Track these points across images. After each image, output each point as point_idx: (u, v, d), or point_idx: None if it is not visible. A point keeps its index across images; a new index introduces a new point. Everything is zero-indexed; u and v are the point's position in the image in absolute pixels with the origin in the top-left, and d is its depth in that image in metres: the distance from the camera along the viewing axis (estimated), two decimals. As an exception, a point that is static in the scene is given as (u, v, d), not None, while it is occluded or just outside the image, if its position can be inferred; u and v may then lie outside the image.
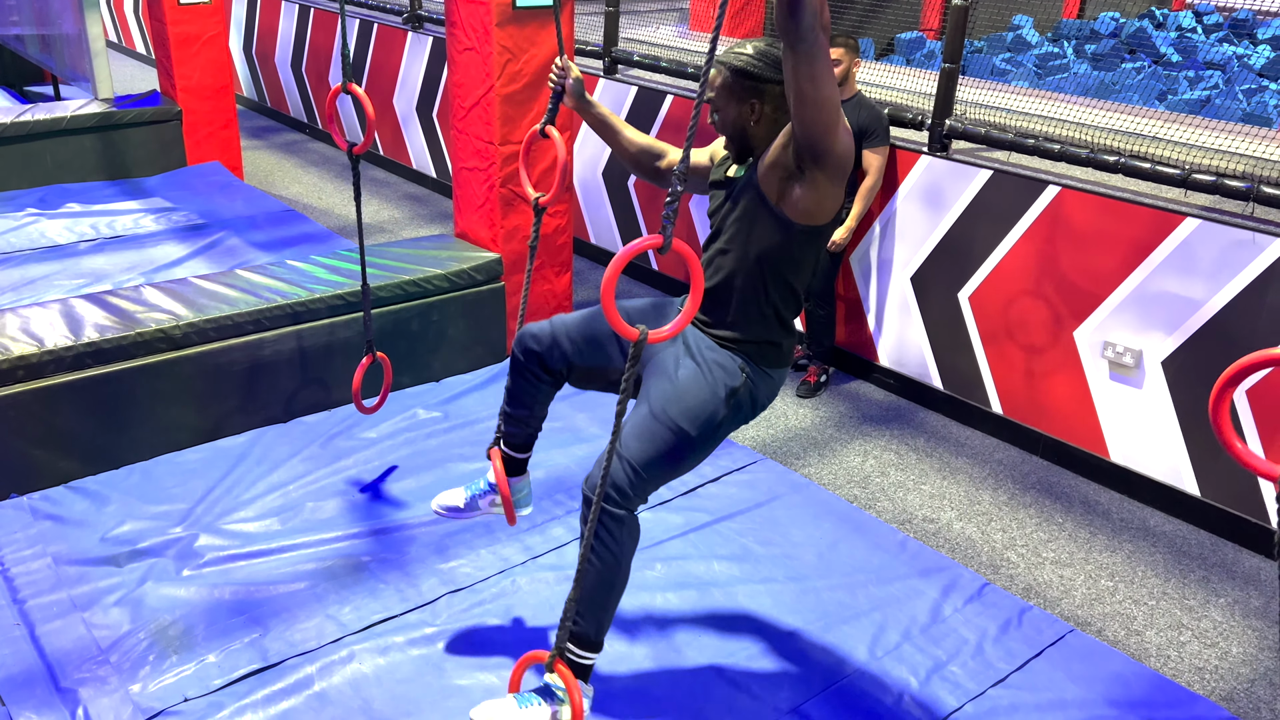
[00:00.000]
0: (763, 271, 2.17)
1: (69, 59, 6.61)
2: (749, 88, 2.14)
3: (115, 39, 12.24)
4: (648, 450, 2.11)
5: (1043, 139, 3.91)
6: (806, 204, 2.09)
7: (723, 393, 2.16)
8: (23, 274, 4.71)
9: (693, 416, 2.13)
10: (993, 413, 4.19)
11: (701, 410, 2.14)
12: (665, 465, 2.15)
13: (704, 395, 2.15)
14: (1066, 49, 7.93)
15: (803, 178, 2.05)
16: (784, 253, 2.15)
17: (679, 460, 2.17)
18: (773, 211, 2.11)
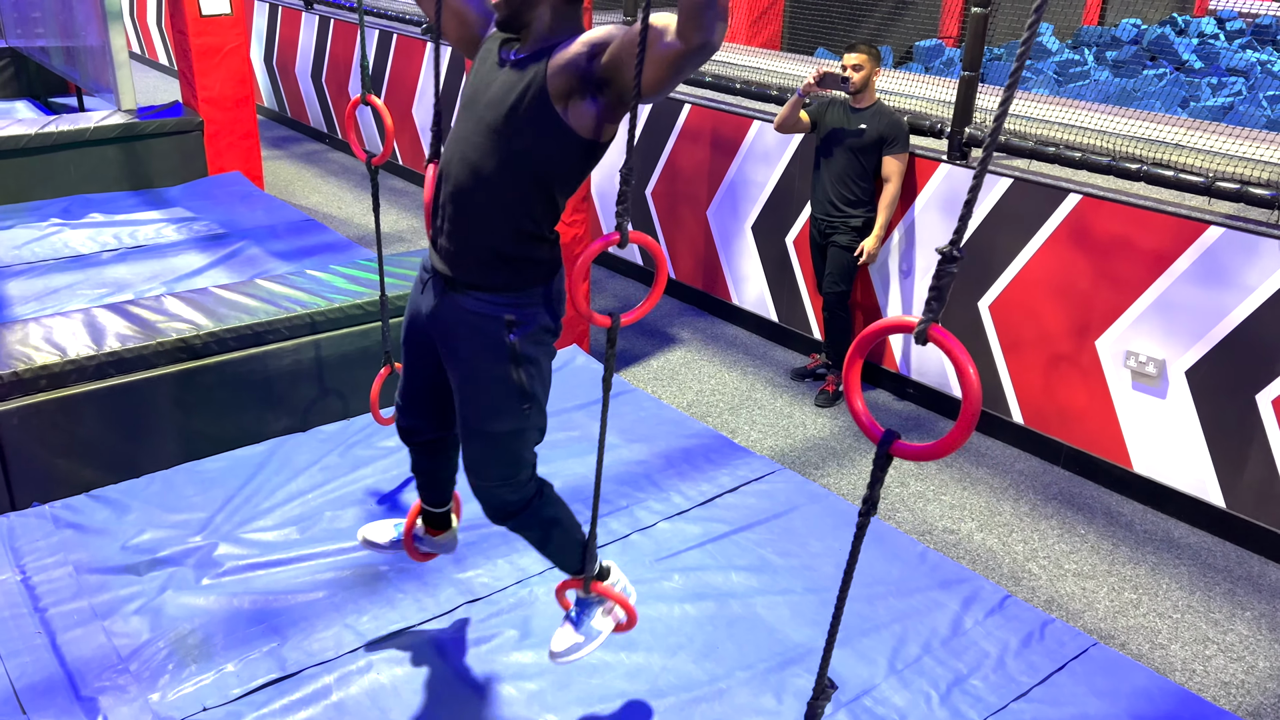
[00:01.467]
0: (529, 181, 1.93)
1: (92, 71, 6.68)
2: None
3: (138, 50, 12.38)
4: (499, 467, 2.10)
5: (1063, 147, 3.88)
6: (592, 121, 1.88)
7: (508, 368, 2.00)
8: (46, 283, 4.75)
9: (500, 412, 2.04)
10: (1013, 423, 4.15)
11: (500, 402, 2.03)
12: (523, 455, 2.12)
13: (492, 387, 2.02)
14: (1087, 56, 7.90)
15: (599, 98, 1.85)
16: (562, 167, 1.93)
17: (527, 444, 2.13)
18: (555, 117, 1.87)
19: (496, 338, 1.99)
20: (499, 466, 2.11)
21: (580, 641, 2.28)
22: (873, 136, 4.14)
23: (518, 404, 2.04)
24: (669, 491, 3.40)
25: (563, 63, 1.85)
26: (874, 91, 4.19)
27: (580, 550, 2.27)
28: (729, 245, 5.24)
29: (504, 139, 1.91)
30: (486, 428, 2.06)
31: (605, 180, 5.87)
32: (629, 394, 4.09)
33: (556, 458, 3.58)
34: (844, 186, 4.22)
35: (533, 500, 2.18)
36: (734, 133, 5.05)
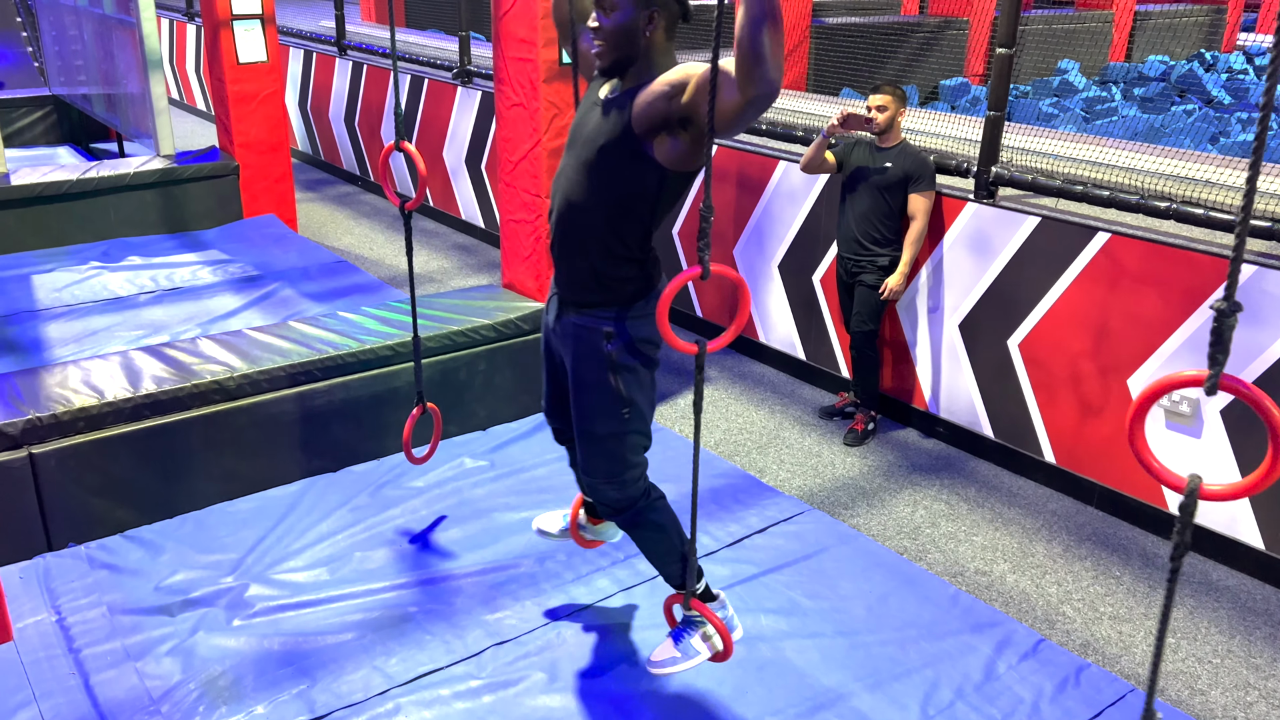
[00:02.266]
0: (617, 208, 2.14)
1: (133, 117, 6.86)
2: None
3: (177, 96, 12.68)
4: (604, 464, 2.32)
5: (1091, 185, 3.87)
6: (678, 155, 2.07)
7: (606, 375, 2.23)
8: (85, 325, 4.85)
9: (600, 415, 2.27)
10: (1045, 462, 4.11)
11: (601, 406, 2.26)
12: (627, 457, 2.32)
13: (593, 392, 2.26)
14: (1114, 92, 7.89)
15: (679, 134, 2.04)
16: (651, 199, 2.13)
17: (630, 447, 2.32)
18: (643, 151, 2.07)
19: (596, 347, 2.24)
20: (604, 464, 2.33)
21: (676, 657, 2.39)
22: (898, 175, 4.15)
23: (617, 408, 2.26)
24: (698, 533, 3.39)
25: (646, 102, 2.05)
26: (899, 131, 4.21)
27: (674, 567, 2.44)
28: (756, 284, 5.26)
29: (596, 173, 2.14)
30: (590, 428, 2.31)
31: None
32: (656, 432, 4.08)
33: (584, 498, 3.59)
34: (870, 225, 4.24)
35: (638, 501, 2.38)
36: (760, 173, 5.08)
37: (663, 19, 2.09)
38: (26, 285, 5.34)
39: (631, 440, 2.32)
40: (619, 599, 3.03)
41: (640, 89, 2.08)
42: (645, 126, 2.05)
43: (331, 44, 8.94)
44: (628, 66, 2.12)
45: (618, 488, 2.35)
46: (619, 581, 3.11)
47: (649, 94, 2.05)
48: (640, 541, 2.46)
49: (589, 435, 2.32)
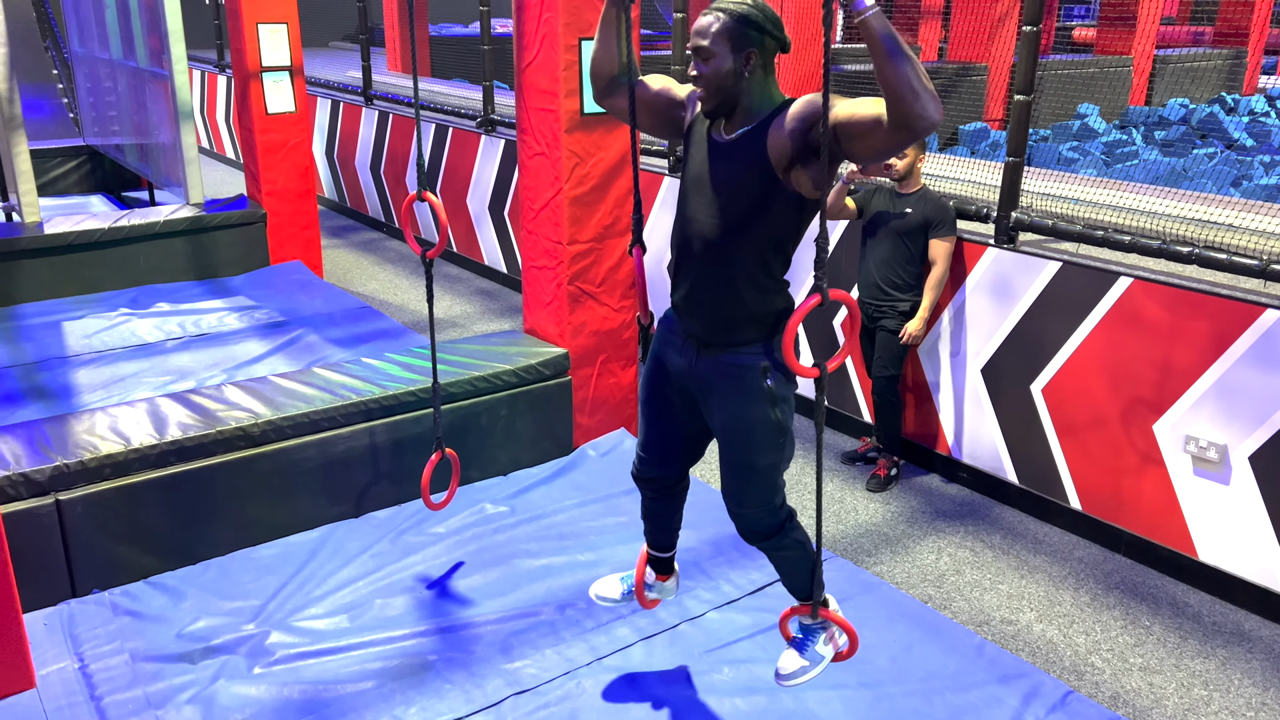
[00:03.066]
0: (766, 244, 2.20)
1: (164, 167, 7.00)
2: (749, 37, 2.12)
3: (207, 145, 12.94)
4: (762, 494, 2.37)
5: (1112, 230, 3.86)
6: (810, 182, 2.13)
7: (768, 409, 2.27)
8: (113, 371, 4.92)
9: (763, 448, 2.30)
10: (1071, 508, 4.06)
11: (763, 440, 2.29)
12: (774, 485, 2.38)
13: (755, 428, 2.28)
14: (1135, 136, 7.89)
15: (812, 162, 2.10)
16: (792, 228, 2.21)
17: (779, 474, 2.38)
18: (778, 183, 2.14)
19: (756, 384, 2.27)
20: (759, 494, 2.38)
21: (806, 665, 2.46)
22: (918, 220, 4.17)
23: (776, 439, 2.31)
24: (718, 580, 3.37)
25: (782, 137, 2.11)
26: (920, 177, 4.23)
27: (807, 585, 2.48)
28: (777, 329, 5.26)
29: (736, 214, 2.18)
30: (751, 462, 2.32)
31: (654, 268, 5.96)
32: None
33: (604, 544, 3.58)
34: (890, 271, 4.25)
35: (785, 523, 2.44)
36: (780, 218, 5.11)
37: (760, 58, 2.15)
38: (58, 332, 5.43)
39: (784, 465, 2.38)
40: (640, 648, 3.01)
41: (766, 125, 2.15)
42: (783, 160, 2.11)
43: (358, 94, 9.11)
44: (734, 108, 2.19)
45: (770, 513, 2.40)
46: (639, 630, 3.09)
47: (783, 129, 2.11)
48: (780, 562, 2.51)
49: (748, 469, 2.33)
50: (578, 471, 4.16)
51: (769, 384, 2.26)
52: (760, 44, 2.14)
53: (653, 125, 2.44)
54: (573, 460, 4.24)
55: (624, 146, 4.17)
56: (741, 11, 2.12)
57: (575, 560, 3.48)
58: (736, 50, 2.13)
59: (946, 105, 8.55)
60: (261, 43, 6.40)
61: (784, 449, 2.33)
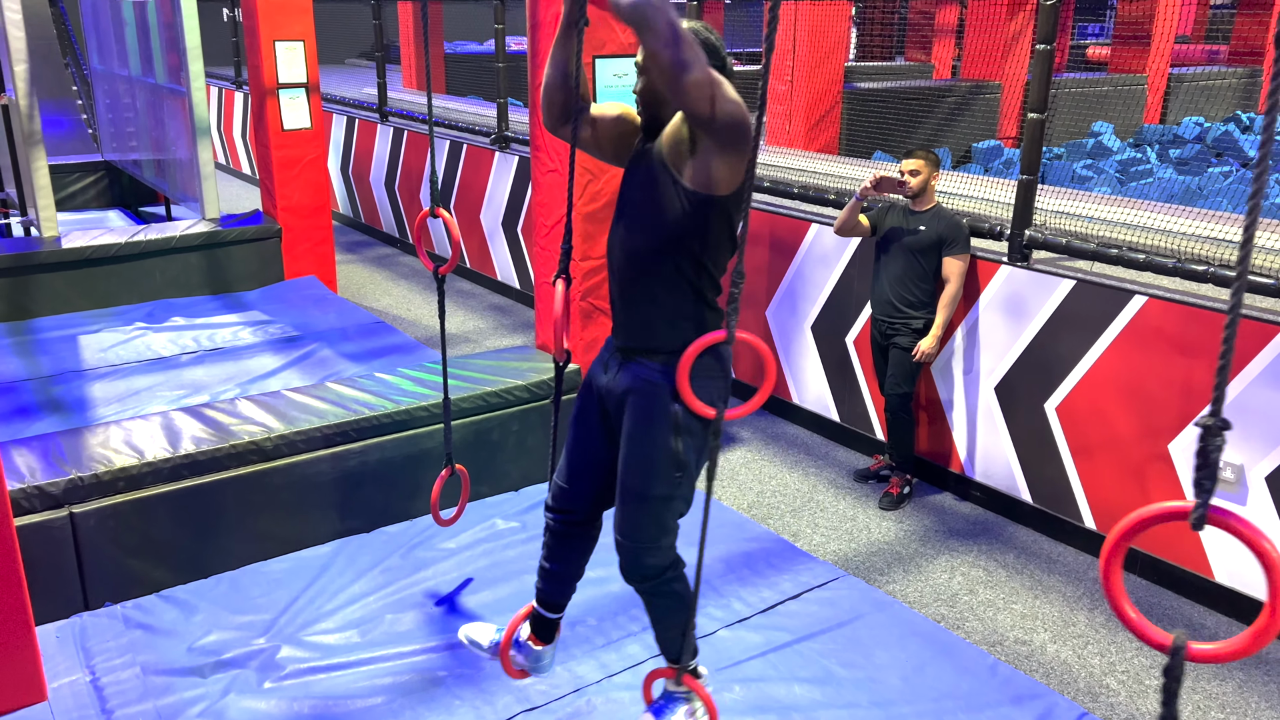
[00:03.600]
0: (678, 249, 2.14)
1: (181, 182, 7.07)
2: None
3: (224, 161, 13.05)
4: (649, 529, 2.25)
5: (1126, 248, 3.85)
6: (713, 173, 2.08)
7: (669, 436, 2.16)
8: (128, 385, 4.95)
9: (657, 477, 2.19)
10: (1085, 528, 4.03)
11: (657, 466, 2.18)
12: (664, 523, 2.27)
13: (653, 451, 2.17)
14: (1149, 154, 7.87)
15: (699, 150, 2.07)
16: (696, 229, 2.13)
17: (671, 514, 2.27)
18: (682, 188, 2.11)
19: (664, 406, 2.16)
20: (647, 529, 2.26)
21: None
22: (931, 238, 4.17)
23: (672, 471, 2.19)
24: (729, 598, 3.35)
25: (668, 137, 2.15)
26: (933, 195, 4.24)
27: (679, 642, 2.34)
28: (789, 345, 5.26)
29: (645, 218, 2.17)
30: (644, 491, 2.22)
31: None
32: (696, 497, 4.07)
33: (612, 560, 3.56)
34: (903, 288, 4.24)
35: (668, 570, 2.31)
36: (792, 235, 5.12)
37: None
38: (74, 345, 5.47)
39: (676, 506, 2.27)
40: (651, 664, 2.99)
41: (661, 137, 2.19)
42: (676, 159, 2.12)
43: (374, 110, 9.18)
44: (661, 120, 2.20)
45: (655, 553, 2.28)
46: (650, 648, 3.07)
47: (669, 130, 2.16)
48: (655, 610, 2.39)
49: (640, 498, 2.23)
50: (589, 487, 4.15)
51: (676, 409, 2.14)
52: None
53: (614, 153, 2.36)
54: (584, 476, 4.23)
55: (637, 163, 4.18)
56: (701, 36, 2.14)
57: (586, 577, 3.46)
58: None
59: (960, 123, 8.55)
60: (278, 60, 6.46)
61: (679, 486, 2.21)
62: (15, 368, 5.16)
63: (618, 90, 4.02)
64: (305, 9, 6.50)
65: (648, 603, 2.38)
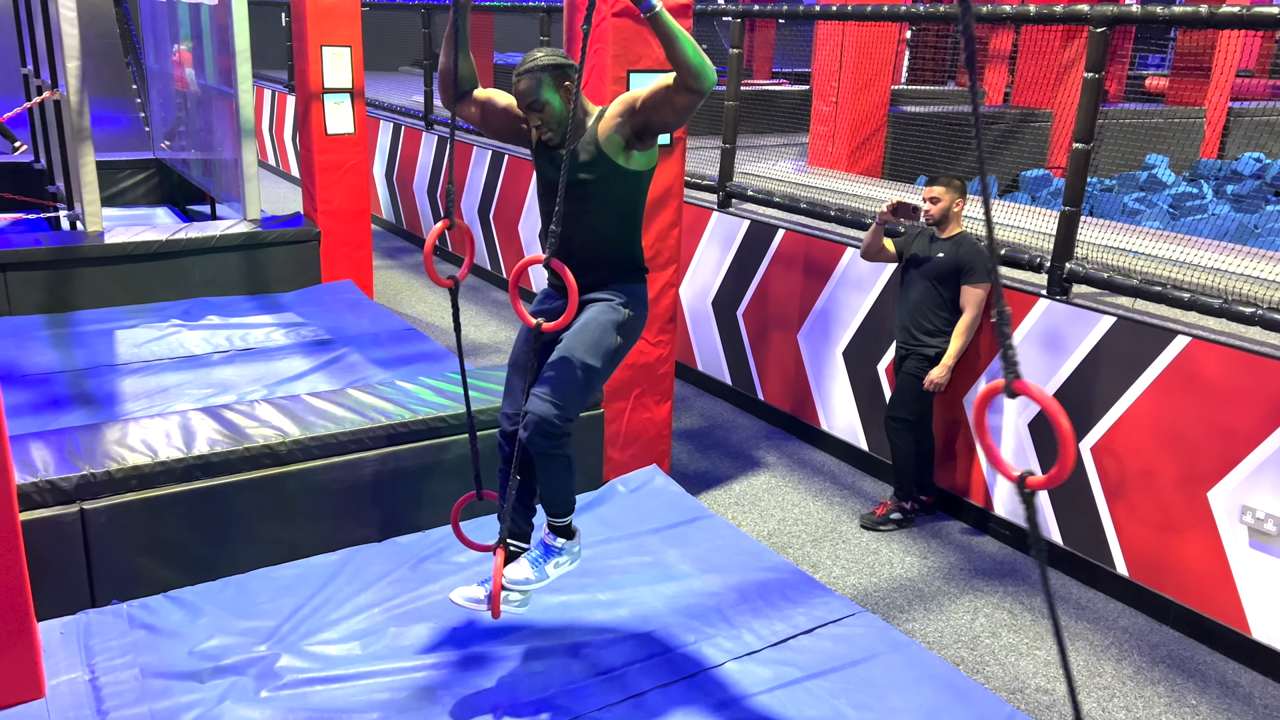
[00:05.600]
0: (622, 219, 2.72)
1: (225, 182, 7.15)
2: (563, 74, 2.62)
3: (275, 164, 13.23)
4: (562, 387, 2.63)
5: (1171, 286, 3.71)
6: (636, 159, 2.64)
7: (613, 318, 2.70)
8: (158, 382, 4.98)
9: (588, 343, 2.66)
10: (1117, 574, 3.88)
11: (594, 336, 2.67)
12: (578, 390, 2.65)
13: (597, 331, 2.67)
14: (1205, 189, 7.66)
15: (640, 143, 2.62)
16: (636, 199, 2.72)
17: (590, 386, 2.68)
18: (615, 165, 2.63)
19: (614, 306, 2.72)
20: (562, 389, 2.63)
21: (531, 578, 2.74)
22: (949, 265, 4.10)
23: (603, 342, 2.67)
24: (740, 629, 3.27)
25: (607, 131, 2.61)
26: (959, 222, 4.16)
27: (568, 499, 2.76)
28: (820, 370, 5.16)
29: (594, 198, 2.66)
30: (571, 351, 2.65)
31: (698, 301, 5.90)
32: (706, 519, 3.99)
33: (627, 584, 3.50)
34: (921, 315, 4.19)
35: (564, 438, 2.67)
36: (827, 259, 5.03)
37: (573, 82, 2.62)
38: (109, 340, 5.53)
39: (595, 382, 2.70)
40: (655, 695, 2.92)
41: (595, 128, 2.63)
42: (616, 146, 2.61)
43: (420, 118, 9.24)
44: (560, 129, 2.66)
45: (561, 418, 2.62)
46: (655, 677, 3.00)
47: (608, 125, 2.61)
48: (549, 471, 2.71)
49: (566, 360, 2.64)
50: (605, 507, 4.09)
51: (626, 310, 2.71)
52: (570, 75, 2.63)
53: (500, 132, 2.85)
54: (601, 495, 4.17)
55: (668, 180, 4.13)
56: (549, 62, 2.61)
57: (594, 599, 3.40)
58: (558, 88, 2.62)
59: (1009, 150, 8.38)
60: (325, 65, 6.51)
61: (600, 360, 2.66)
62: (51, 359, 5.22)
63: (652, 106, 3.97)
64: (354, 15, 6.56)
65: (542, 462, 2.70)
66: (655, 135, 2.63)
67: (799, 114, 8.76)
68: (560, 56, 2.64)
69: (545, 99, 2.61)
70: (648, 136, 2.61)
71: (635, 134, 2.60)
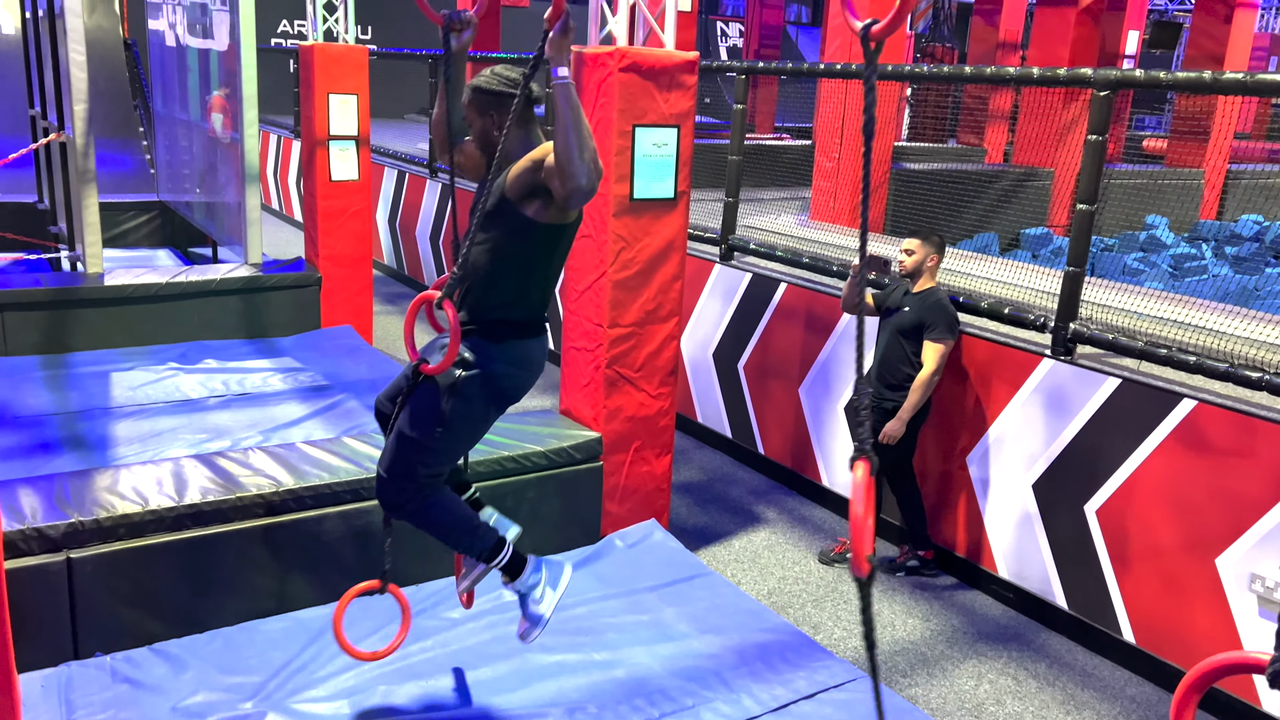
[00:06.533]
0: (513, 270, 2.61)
1: (228, 226, 7.15)
2: (487, 102, 2.58)
3: (278, 207, 13.29)
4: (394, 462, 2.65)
5: (1177, 348, 3.69)
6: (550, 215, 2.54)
7: (440, 390, 2.58)
8: (152, 426, 4.92)
9: (415, 419, 2.60)
10: (1124, 641, 3.80)
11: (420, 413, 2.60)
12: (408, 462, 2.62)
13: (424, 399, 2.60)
14: (1205, 250, 7.68)
15: (547, 201, 2.50)
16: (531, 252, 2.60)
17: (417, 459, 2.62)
18: (519, 214, 2.54)
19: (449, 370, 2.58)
20: (394, 464, 2.64)
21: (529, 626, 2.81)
22: (912, 320, 4.16)
23: (429, 419, 2.59)
24: (739, 693, 3.19)
25: (516, 174, 2.53)
26: (932, 277, 4.23)
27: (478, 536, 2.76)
28: (821, 425, 5.11)
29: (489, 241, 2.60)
30: (401, 427, 2.63)
31: (698, 352, 5.87)
32: (705, 577, 3.92)
33: (623, 643, 3.42)
34: (886, 369, 4.25)
35: (407, 506, 2.67)
36: (829, 313, 5.01)
37: (501, 115, 2.57)
38: (105, 382, 5.48)
39: (428, 457, 2.63)
40: (649, 761, 2.83)
41: (510, 167, 2.55)
42: (517, 193, 2.53)
43: (424, 165, 9.29)
44: (492, 161, 2.60)
45: (393, 489, 2.64)
46: None
47: (518, 169, 2.52)
48: (433, 530, 2.75)
49: (398, 434, 2.63)
50: (603, 562, 4.02)
51: (457, 373, 2.57)
52: (500, 106, 2.56)
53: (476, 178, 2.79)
54: (598, 550, 4.11)
55: (671, 233, 4.12)
56: (478, 84, 2.58)
57: (590, 659, 3.33)
58: (482, 114, 2.60)
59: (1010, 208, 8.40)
60: (331, 112, 6.55)
61: (431, 436, 2.58)
62: (44, 401, 5.17)
63: (656, 158, 3.98)
64: (361, 65, 6.61)
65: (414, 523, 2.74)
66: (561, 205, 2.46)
67: (800, 169, 8.82)
68: (500, 83, 2.56)
69: (470, 118, 2.62)
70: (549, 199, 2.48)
71: (536, 190, 2.49)
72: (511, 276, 2.60)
